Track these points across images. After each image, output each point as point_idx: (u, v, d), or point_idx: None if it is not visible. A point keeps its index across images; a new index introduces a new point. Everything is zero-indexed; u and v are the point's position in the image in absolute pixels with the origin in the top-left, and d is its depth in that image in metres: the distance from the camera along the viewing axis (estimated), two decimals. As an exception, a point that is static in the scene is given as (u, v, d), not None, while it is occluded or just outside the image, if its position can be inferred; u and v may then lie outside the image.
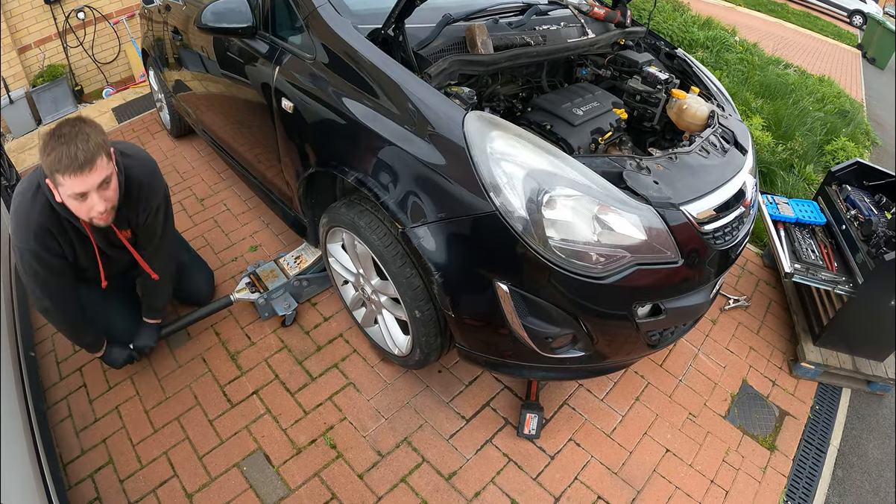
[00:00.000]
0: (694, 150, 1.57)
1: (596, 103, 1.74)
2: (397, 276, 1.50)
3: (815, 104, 4.52)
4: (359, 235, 1.58)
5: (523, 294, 1.32)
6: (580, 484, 1.71)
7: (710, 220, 1.44)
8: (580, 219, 1.28)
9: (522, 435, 1.77)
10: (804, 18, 12.92)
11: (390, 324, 1.82)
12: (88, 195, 1.39)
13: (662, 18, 5.20)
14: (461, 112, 1.34)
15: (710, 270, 1.48)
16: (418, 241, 1.37)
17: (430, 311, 1.52)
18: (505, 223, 1.26)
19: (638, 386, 2.02)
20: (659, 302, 1.41)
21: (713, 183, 1.48)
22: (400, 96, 1.42)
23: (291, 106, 1.69)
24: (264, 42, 1.81)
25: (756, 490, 1.80)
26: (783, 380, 2.20)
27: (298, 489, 1.63)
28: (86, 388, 1.92)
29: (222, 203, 2.73)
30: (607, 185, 1.31)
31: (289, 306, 2.04)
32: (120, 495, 1.62)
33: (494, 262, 1.33)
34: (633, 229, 1.30)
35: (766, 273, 2.72)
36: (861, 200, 2.34)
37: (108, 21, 4.22)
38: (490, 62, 1.60)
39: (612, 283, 1.30)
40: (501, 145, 1.29)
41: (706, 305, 1.60)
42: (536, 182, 1.26)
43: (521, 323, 1.34)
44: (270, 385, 1.90)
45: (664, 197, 1.35)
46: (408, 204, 1.39)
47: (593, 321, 1.38)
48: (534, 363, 1.48)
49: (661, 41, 2.26)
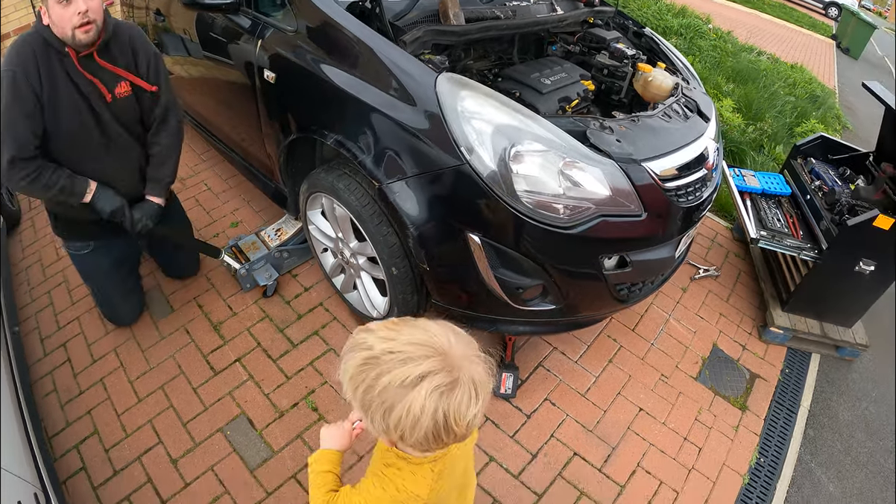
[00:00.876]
0: (656, 115, 1.65)
1: (564, 74, 1.81)
2: (374, 235, 1.55)
3: (786, 89, 4.65)
4: (338, 198, 1.64)
5: (494, 245, 1.39)
6: (556, 441, 1.77)
7: (673, 178, 1.51)
8: (546, 172, 1.34)
9: (499, 394, 1.82)
10: (780, 9, 13.17)
11: (368, 286, 1.87)
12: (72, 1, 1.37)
13: (637, 6, 5.31)
14: (433, 74, 1.41)
15: (674, 227, 1.55)
16: (394, 197, 1.43)
17: (405, 268, 1.57)
18: (476, 176, 1.33)
19: (611, 349, 2.09)
20: (624, 254, 1.48)
21: (674, 144, 1.56)
22: (376, 62, 1.48)
23: (273, 76, 1.74)
24: (247, 18, 1.87)
25: (729, 447, 1.87)
26: (753, 345, 2.28)
27: (282, 451, 1.67)
28: (70, 362, 1.94)
29: (203, 183, 2.76)
30: (572, 140, 1.38)
31: (270, 276, 2.08)
32: (105, 464, 1.64)
33: (466, 214, 1.39)
34: (596, 183, 1.36)
35: (736, 245, 2.82)
36: (825, 173, 2.44)
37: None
38: (462, 32, 1.68)
39: (579, 234, 1.37)
40: (471, 104, 1.36)
41: (671, 261, 1.67)
42: (504, 137, 1.33)
43: (494, 274, 1.41)
44: (253, 353, 1.94)
45: (626, 153, 1.42)
46: (383, 161, 1.45)
47: (562, 272, 1.44)
48: (507, 316, 1.54)
49: (630, 21, 2.34)
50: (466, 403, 0.70)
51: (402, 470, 0.83)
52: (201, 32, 2.15)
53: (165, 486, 1.58)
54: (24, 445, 1.43)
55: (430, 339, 0.71)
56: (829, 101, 4.99)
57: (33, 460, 1.43)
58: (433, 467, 0.83)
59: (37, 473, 1.39)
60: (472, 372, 0.72)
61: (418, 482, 0.83)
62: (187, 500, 1.55)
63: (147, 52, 1.66)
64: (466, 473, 0.99)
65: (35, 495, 1.29)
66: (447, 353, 0.70)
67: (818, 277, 2.18)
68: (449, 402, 0.69)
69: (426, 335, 0.72)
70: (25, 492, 1.25)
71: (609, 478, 1.70)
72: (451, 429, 0.70)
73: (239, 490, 1.57)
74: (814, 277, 2.19)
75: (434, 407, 0.68)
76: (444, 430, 0.70)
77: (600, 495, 1.65)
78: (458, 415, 0.70)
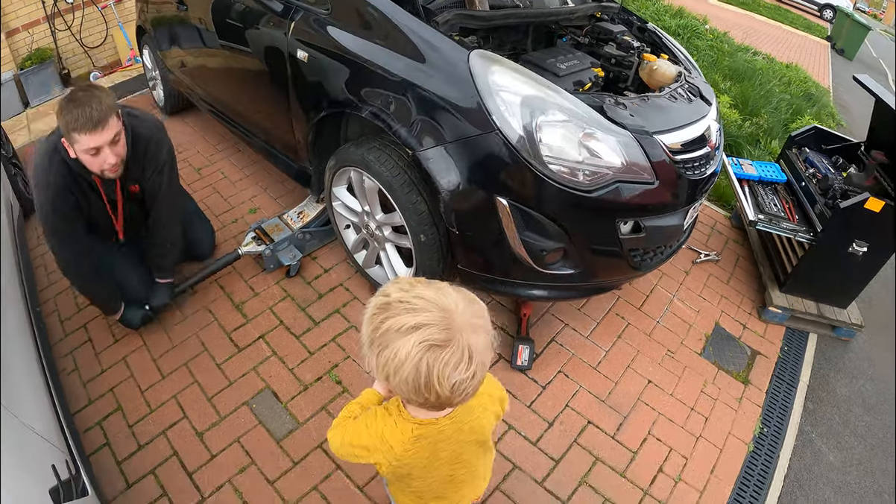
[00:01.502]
0: (664, 96, 1.77)
1: (577, 61, 1.92)
2: (404, 203, 1.66)
3: (781, 87, 4.81)
4: (368, 170, 1.74)
5: (521, 208, 1.49)
6: (571, 410, 1.84)
7: (680, 152, 1.63)
8: (568, 141, 1.46)
9: (515, 366, 1.89)
10: (775, 11, 13.45)
11: (393, 257, 1.97)
12: (101, 150, 1.56)
13: (636, 7, 5.45)
14: (466, 51, 1.53)
15: (683, 197, 1.66)
16: (427, 164, 1.55)
17: (433, 235, 1.68)
18: (505, 143, 1.45)
19: (619, 326, 2.18)
20: (639, 219, 1.58)
21: (680, 121, 1.68)
22: (411, 40, 1.61)
23: (306, 56, 1.85)
24: (279, 2, 1.97)
25: (733, 417, 1.95)
26: (753, 324, 2.37)
27: (307, 422, 1.72)
28: (91, 342, 1.98)
29: (219, 172, 2.82)
30: (592, 111, 1.50)
31: (294, 257, 2.15)
32: (129, 439, 1.67)
33: (496, 179, 1.51)
34: (612, 152, 1.48)
35: (735, 233, 2.92)
36: (819, 161, 2.54)
37: (95, 5, 4.26)
38: (487, 17, 1.82)
39: (598, 197, 1.49)
40: (501, 77, 1.49)
41: (680, 230, 1.78)
42: (530, 107, 1.45)
43: (519, 237, 1.51)
44: (275, 330, 1.99)
45: (639, 125, 1.54)
46: (417, 131, 1.57)
47: (582, 235, 1.56)
48: (529, 280, 1.63)
49: (634, 16, 2.46)
50: (454, 365, 0.72)
51: (390, 417, 0.89)
52: (227, 17, 2.24)
53: (191, 459, 1.61)
54: (53, 416, 1.48)
55: (438, 298, 0.75)
56: (823, 99, 5.16)
57: (61, 431, 1.47)
58: (415, 429, 0.87)
59: (65, 443, 1.44)
60: (471, 339, 0.74)
61: (395, 434, 0.88)
62: (214, 471, 1.59)
63: (157, 162, 1.82)
64: (459, 462, 0.97)
65: (66, 462, 1.33)
66: (451, 313, 0.74)
67: (814, 259, 2.28)
68: (435, 358, 0.71)
69: (437, 294, 0.76)
70: (58, 458, 1.29)
71: (622, 444, 1.77)
72: (432, 385, 0.73)
73: (266, 460, 1.61)
74: (809, 259, 2.29)
75: (419, 357, 0.71)
76: (425, 385, 0.73)
77: (614, 461, 1.73)
78: (442, 373, 0.72)
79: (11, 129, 3.53)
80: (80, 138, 1.52)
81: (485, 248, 1.63)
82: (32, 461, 1.16)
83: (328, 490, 1.55)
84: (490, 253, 1.63)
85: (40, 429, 1.33)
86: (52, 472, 1.15)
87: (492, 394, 0.99)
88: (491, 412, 0.98)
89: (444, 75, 1.53)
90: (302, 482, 1.57)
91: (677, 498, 1.67)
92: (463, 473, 1.00)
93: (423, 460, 0.91)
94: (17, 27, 3.89)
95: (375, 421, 0.90)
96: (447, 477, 0.98)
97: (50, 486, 1.11)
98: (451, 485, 1.01)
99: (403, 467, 0.91)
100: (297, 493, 1.54)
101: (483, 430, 0.96)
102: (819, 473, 1.88)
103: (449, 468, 0.96)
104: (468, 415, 0.92)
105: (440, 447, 0.91)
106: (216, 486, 1.55)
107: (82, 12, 4.19)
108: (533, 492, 1.61)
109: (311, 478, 1.58)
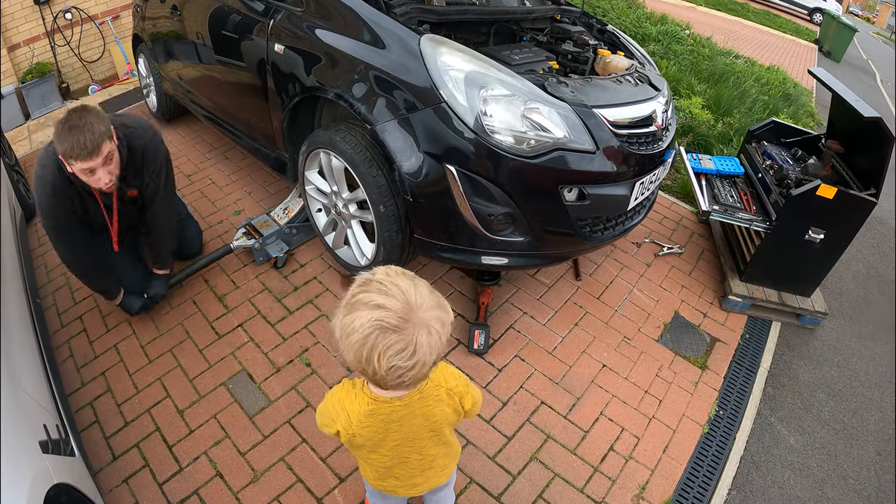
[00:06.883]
0: (608, 79, 1.94)
1: (531, 54, 2.08)
2: (366, 177, 1.84)
3: (758, 88, 4.89)
4: (334, 149, 1.93)
5: (468, 175, 1.65)
6: (525, 392, 1.95)
7: (623, 126, 1.79)
8: (511, 113, 1.63)
9: (472, 350, 2.01)
10: (763, 17, 13.46)
11: (358, 233, 2.15)
12: (96, 171, 1.70)
13: (616, 15, 5.58)
14: (417, 36, 1.73)
15: (627, 169, 1.81)
16: (384, 135, 1.73)
17: (392, 206, 1.85)
18: (453, 115, 1.62)
19: (576, 314, 2.28)
20: (582, 187, 1.72)
21: (621, 99, 1.85)
22: (372, 28, 1.81)
23: (282, 48, 2.05)
24: (261, 3, 2.19)
25: (688, 400, 2.01)
26: (714, 313, 2.44)
27: (277, 400, 1.86)
28: (86, 332, 2.15)
29: (208, 178, 3.01)
30: (533, 86, 1.67)
31: (281, 249, 2.36)
32: (117, 417, 1.82)
33: (444, 148, 1.68)
34: (553, 124, 1.65)
35: (700, 227, 3.01)
36: (778, 154, 2.63)
37: (94, 22, 4.49)
38: (442, 13, 2.00)
39: (540, 164, 1.64)
40: (449, 58, 1.68)
41: (626, 201, 1.89)
42: (474, 82, 1.63)
43: (468, 203, 1.66)
44: (253, 319, 2.15)
45: (579, 100, 1.71)
46: (374, 108, 1.76)
47: (527, 200, 1.70)
48: (482, 248, 1.79)
49: (594, 19, 2.60)
50: (395, 351, 0.80)
51: (353, 389, 1.00)
52: (218, 22, 2.44)
53: (172, 433, 1.75)
54: (49, 392, 1.62)
55: (410, 291, 0.83)
56: (801, 99, 5.23)
57: (53, 401, 1.62)
58: (370, 403, 0.97)
59: (58, 414, 1.58)
60: (422, 336, 0.81)
61: (352, 403, 0.98)
62: (191, 444, 1.72)
63: (155, 166, 1.97)
64: (412, 446, 1.04)
65: (57, 427, 1.47)
66: (413, 308, 0.81)
67: (771, 247, 2.34)
68: (380, 338, 0.79)
69: (411, 288, 0.84)
70: (50, 421, 1.43)
71: (574, 423, 1.86)
72: (371, 359, 0.80)
73: (239, 434, 1.75)
74: (767, 247, 2.35)
75: (367, 332, 0.80)
76: (366, 358, 0.81)
77: (566, 439, 1.81)
78: (383, 353, 0.79)
79: (14, 140, 3.74)
80: (76, 164, 1.65)
81: (438, 216, 1.78)
82: (27, 415, 1.29)
83: (294, 461, 1.69)
84: (443, 220, 1.77)
85: (35, 395, 1.47)
86: (43, 430, 1.29)
87: (452, 388, 1.05)
88: (447, 405, 1.04)
89: (399, 58, 1.72)
90: (271, 454, 1.70)
91: (628, 475, 1.73)
92: (417, 460, 1.08)
93: (375, 434, 1.00)
94: (18, 42, 4.09)
95: (341, 389, 1.02)
96: (401, 458, 1.07)
97: (40, 438, 1.25)
98: (404, 467, 1.10)
99: (357, 437, 1.00)
100: (265, 463, 1.68)
101: (436, 419, 1.03)
102: (778, 455, 1.91)
103: (402, 450, 1.05)
104: (422, 402, 1.00)
105: (392, 427, 1.00)
106: (193, 457, 1.69)
107: (81, 28, 4.41)
108: (484, 465, 1.71)
109: (279, 450, 1.71)
